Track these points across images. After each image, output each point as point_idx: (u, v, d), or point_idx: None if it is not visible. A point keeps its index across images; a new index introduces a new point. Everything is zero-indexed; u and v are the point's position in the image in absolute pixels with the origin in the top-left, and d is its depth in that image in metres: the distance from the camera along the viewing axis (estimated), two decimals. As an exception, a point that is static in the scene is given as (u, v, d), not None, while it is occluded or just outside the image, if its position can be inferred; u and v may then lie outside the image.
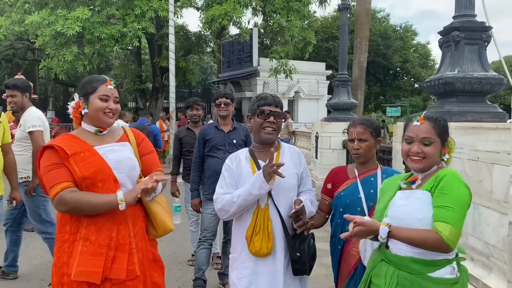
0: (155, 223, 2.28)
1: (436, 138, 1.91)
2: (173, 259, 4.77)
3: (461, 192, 1.80)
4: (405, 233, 1.81)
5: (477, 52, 4.28)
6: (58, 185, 2.04)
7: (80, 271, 2.03)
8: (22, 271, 4.62)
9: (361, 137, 2.39)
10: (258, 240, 2.29)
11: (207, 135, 4.07)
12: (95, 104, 2.19)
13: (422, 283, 1.82)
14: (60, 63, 13.75)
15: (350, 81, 9.88)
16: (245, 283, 2.33)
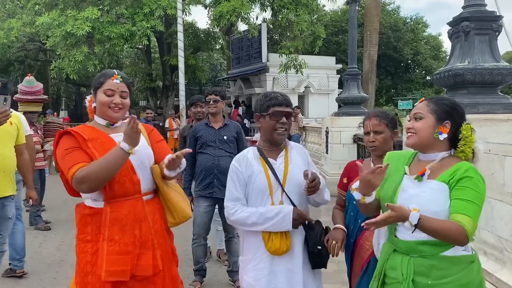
0: (174, 210, 2.31)
1: (427, 114, 1.87)
2: (184, 256, 4.77)
3: (483, 188, 1.80)
4: (433, 223, 1.74)
5: (488, 42, 4.21)
6: (73, 166, 2.05)
7: (109, 272, 2.07)
8: (35, 269, 4.68)
9: (376, 129, 2.35)
10: (277, 238, 2.25)
11: (198, 133, 4.11)
12: (100, 98, 2.22)
13: (439, 265, 1.79)
14: (71, 63, 13.88)
15: (360, 75, 9.80)
16: (263, 283, 2.28)
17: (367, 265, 2.31)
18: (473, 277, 1.80)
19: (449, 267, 1.79)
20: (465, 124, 1.89)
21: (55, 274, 4.56)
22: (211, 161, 4.00)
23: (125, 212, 2.14)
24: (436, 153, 1.88)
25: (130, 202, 2.17)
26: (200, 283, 4.16)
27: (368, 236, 2.31)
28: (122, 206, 2.15)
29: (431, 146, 1.88)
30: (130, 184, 2.15)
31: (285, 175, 2.31)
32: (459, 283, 1.77)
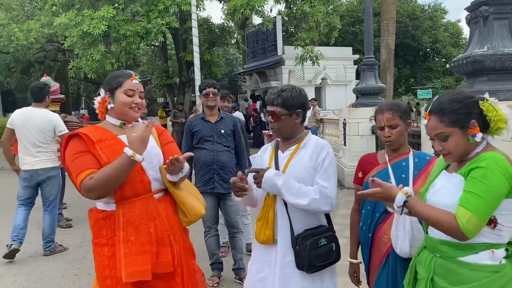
0: (185, 209, 2.30)
1: (449, 130, 1.70)
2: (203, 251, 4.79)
3: (495, 181, 1.59)
4: (422, 208, 1.69)
5: (508, 26, 4.08)
6: (82, 173, 2.05)
7: (130, 273, 2.05)
8: (57, 266, 4.77)
9: (391, 123, 2.28)
10: (259, 226, 2.30)
11: (194, 127, 4.06)
12: (121, 98, 2.21)
13: (457, 270, 1.69)
14: (89, 63, 14.03)
15: (377, 65, 9.64)
16: (254, 270, 2.35)
17: (386, 258, 2.26)
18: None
19: (467, 274, 1.67)
20: (482, 104, 1.71)
21: (77, 271, 4.64)
22: (210, 156, 3.98)
23: (137, 212, 2.13)
24: (473, 151, 1.74)
25: (142, 201, 2.16)
26: (218, 277, 4.17)
27: (386, 229, 2.26)
28: (134, 206, 2.14)
29: (471, 149, 1.74)
30: (140, 184, 2.14)
31: (285, 168, 2.28)
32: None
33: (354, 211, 2.51)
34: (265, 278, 2.29)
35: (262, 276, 2.30)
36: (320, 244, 2.23)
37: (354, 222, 2.49)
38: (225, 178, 3.98)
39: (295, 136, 2.36)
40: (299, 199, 2.19)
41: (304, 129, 2.43)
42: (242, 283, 4.05)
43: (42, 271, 4.66)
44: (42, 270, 4.69)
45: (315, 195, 2.20)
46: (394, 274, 2.20)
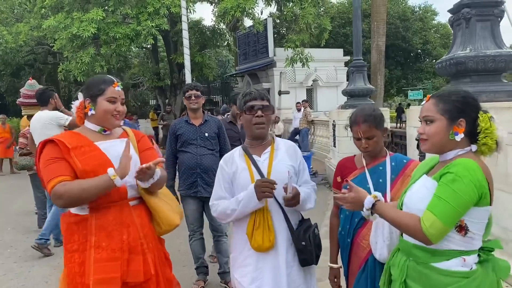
0: (159, 218, 2.26)
1: (438, 116, 1.71)
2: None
3: (463, 188, 1.59)
4: (389, 212, 1.71)
5: (490, 28, 4.10)
6: (54, 179, 2.01)
7: (98, 279, 2.01)
8: (42, 272, 4.72)
9: (367, 135, 2.27)
10: (259, 234, 2.24)
11: (178, 130, 4.03)
12: (103, 106, 2.17)
13: (429, 274, 1.70)
14: (78, 65, 13.94)
15: (366, 66, 9.65)
16: (248, 280, 2.28)
17: (365, 263, 2.25)
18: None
19: (439, 278, 1.68)
20: (481, 114, 1.71)
21: (61, 276, 4.58)
22: (193, 160, 3.96)
23: (111, 218, 2.10)
24: (450, 151, 1.74)
25: (116, 208, 2.12)
26: (203, 281, 4.15)
27: (365, 234, 2.25)
28: (108, 212, 2.10)
29: (448, 147, 1.74)
30: (115, 191, 2.10)
31: (269, 171, 2.28)
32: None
33: (333, 215, 2.51)
34: (260, 286, 2.27)
35: (257, 286, 2.27)
36: (316, 234, 2.32)
37: (334, 226, 2.48)
38: (208, 182, 3.96)
39: (267, 138, 2.39)
40: (310, 203, 2.36)
41: None
42: (228, 287, 4.05)
43: (26, 277, 4.61)
44: (26, 276, 4.64)
45: (314, 195, 2.40)
46: (373, 279, 2.20)
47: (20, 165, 6.08)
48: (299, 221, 2.38)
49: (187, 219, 4.10)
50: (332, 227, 2.49)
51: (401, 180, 2.24)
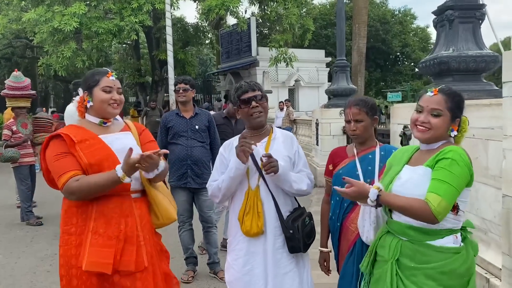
0: (158, 211, 2.30)
1: (445, 112, 1.87)
2: (178, 247, 4.81)
3: (460, 170, 1.78)
4: (395, 200, 1.83)
5: (472, 30, 4.28)
6: (65, 174, 2.06)
7: (91, 262, 2.05)
8: (28, 263, 4.70)
9: (356, 118, 2.39)
10: (249, 219, 2.32)
11: (168, 123, 4.10)
12: (99, 96, 2.21)
13: (424, 251, 1.84)
14: (59, 60, 13.76)
15: (349, 67, 9.87)
16: (240, 263, 2.37)
17: (353, 246, 2.36)
18: (455, 267, 1.82)
19: (433, 254, 1.83)
20: (464, 116, 1.94)
21: (49, 268, 4.58)
22: (184, 151, 4.02)
23: (111, 206, 2.14)
24: (438, 142, 1.92)
25: (118, 198, 2.16)
26: (193, 272, 4.21)
27: (354, 218, 2.36)
28: (109, 201, 2.14)
29: (439, 139, 1.92)
30: (119, 184, 2.13)
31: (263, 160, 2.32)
32: (440, 271, 1.81)
33: (325, 202, 2.62)
34: (252, 270, 2.35)
35: (248, 269, 2.35)
36: (306, 223, 2.39)
37: (325, 212, 2.59)
38: (198, 173, 4.03)
39: (265, 127, 2.47)
40: (301, 185, 2.37)
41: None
42: (217, 277, 4.12)
43: (13, 268, 4.59)
44: (13, 267, 4.61)
45: (307, 180, 2.42)
46: (360, 260, 2.30)
47: (6, 157, 6.00)
48: (293, 209, 2.44)
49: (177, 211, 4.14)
50: (323, 213, 2.60)
51: None
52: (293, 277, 2.37)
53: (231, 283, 2.43)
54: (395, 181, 1.97)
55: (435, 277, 1.81)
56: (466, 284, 1.85)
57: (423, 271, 1.83)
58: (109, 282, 2.11)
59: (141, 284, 2.15)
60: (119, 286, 2.11)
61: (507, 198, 2.57)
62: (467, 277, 1.85)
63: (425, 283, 1.82)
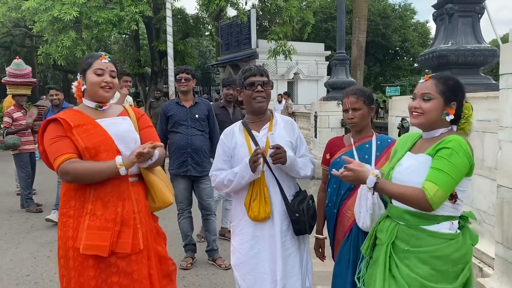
0: (154, 194, 2.34)
1: (436, 95, 1.89)
2: (177, 235, 4.87)
3: (460, 160, 1.79)
4: (392, 187, 1.88)
5: (471, 24, 4.33)
6: (60, 156, 2.10)
7: (88, 245, 2.10)
8: (29, 249, 4.75)
9: (354, 106, 2.44)
10: (256, 205, 2.38)
11: (169, 111, 4.15)
12: (90, 78, 2.23)
13: (419, 235, 1.88)
14: (59, 49, 13.69)
15: (348, 60, 9.88)
16: (246, 247, 2.44)
17: (349, 233, 2.42)
18: (448, 253, 1.85)
19: (427, 239, 1.87)
20: (465, 102, 1.94)
21: (49, 253, 4.63)
22: (184, 140, 4.07)
23: (109, 189, 2.18)
24: (437, 129, 1.94)
25: (115, 181, 2.19)
26: (191, 258, 4.27)
27: (350, 205, 2.42)
28: (107, 184, 2.18)
29: (436, 125, 1.94)
30: None
31: (267, 146, 2.39)
32: (433, 255, 1.85)
33: (321, 190, 2.67)
34: (258, 253, 2.42)
35: (255, 252, 2.42)
36: (310, 205, 2.46)
37: (321, 199, 2.65)
38: (198, 162, 4.08)
39: (266, 113, 2.52)
40: (306, 171, 2.49)
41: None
42: (216, 264, 4.19)
43: (14, 253, 4.64)
44: (14, 252, 4.67)
45: (311, 165, 2.53)
46: (356, 246, 2.37)
47: (8, 144, 6.03)
48: (296, 192, 2.51)
49: (176, 197, 4.21)
50: (320, 201, 2.66)
51: (385, 157, 2.41)
52: (295, 258, 2.45)
53: (237, 267, 2.49)
54: (396, 167, 2.01)
55: (427, 261, 1.85)
56: (461, 271, 1.87)
57: (416, 255, 1.88)
58: (105, 263, 2.15)
59: (137, 266, 2.19)
60: (115, 267, 2.16)
61: (502, 188, 2.63)
62: (461, 264, 1.88)
63: (418, 266, 1.86)
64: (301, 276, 2.48)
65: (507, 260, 2.57)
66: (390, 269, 1.93)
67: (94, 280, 2.13)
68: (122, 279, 2.15)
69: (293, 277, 2.45)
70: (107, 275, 2.15)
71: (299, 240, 2.49)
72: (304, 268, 2.52)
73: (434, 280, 1.83)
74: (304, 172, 2.47)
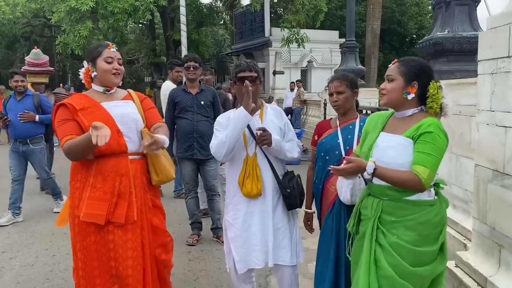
0: (158, 169, 2.60)
1: (397, 76, 2.09)
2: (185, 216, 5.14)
3: (442, 142, 2.00)
4: (389, 173, 2.06)
5: (467, 12, 4.44)
6: (63, 138, 2.38)
7: (87, 214, 2.37)
8: (48, 227, 5.11)
9: (338, 90, 2.65)
10: (249, 183, 2.63)
11: (176, 98, 4.38)
12: (102, 66, 2.49)
13: (403, 206, 2.09)
14: (76, 39, 14.04)
15: (357, 47, 9.97)
16: (240, 222, 2.69)
17: (333, 206, 2.64)
18: (430, 217, 2.07)
19: (411, 208, 2.07)
20: (432, 82, 2.11)
21: (66, 230, 4.86)
22: (190, 125, 4.32)
23: (109, 165, 2.43)
24: (407, 110, 2.14)
25: (116, 159, 2.45)
26: (197, 236, 4.55)
27: (334, 181, 2.63)
28: (108, 161, 2.43)
29: (402, 104, 2.13)
30: (116, 146, 2.43)
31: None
32: (418, 221, 2.06)
33: (310, 168, 2.89)
34: (249, 227, 2.67)
35: (247, 226, 2.68)
36: (298, 182, 2.73)
37: (310, 177, 2.88)
38: (204, 146, 4.33)
39: (257, 103, 2.75)
40: (292, 153, 2.71)
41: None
42: (219, 241, 4.46)
43: (34, 230, 5.00)
44: (33, 229, 5.03)
45: (297, 148, 2.76)
46: (338, 217, 2.60)
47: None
48: (284, 173, 2.77)
49: (184, 179, 4.49)
50: (308, 178, 2.88)
51: None
52: (285, 232, 2.70)
53: (232, 240, 2.74)
54: (373, 149, 2.19)
55: (413, 227, 2.06)
56: (439, 234, 2.09)
57: (402, 223, 2.08)
58: (104, 231, 2.42)
59: (131, 234, 2.45)
60: (112, 234, 2.42)
61: (478, 168, 2.81)
62: (440, 227, 2.10)
63: (405, 233, 2.06)
64: (291, 249, 2.71)
65: (482, 234, 2.76)
66: (378, 239, 2.13)
67: (95, 244, 2.42)
68: (118, 246, 2.42)
69: (283, 249, 2.69)
70: (105, 241, 2.42)
71: (289, 216, 2.73)
72: (294, 243, 2.75)
73: (419, 244, 2.04)
74: (291, 154, 2.69)
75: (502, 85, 2.51)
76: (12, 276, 3.79)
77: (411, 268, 2.03)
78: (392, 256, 2.05)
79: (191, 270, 3.87)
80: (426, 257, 2.06)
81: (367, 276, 2.10)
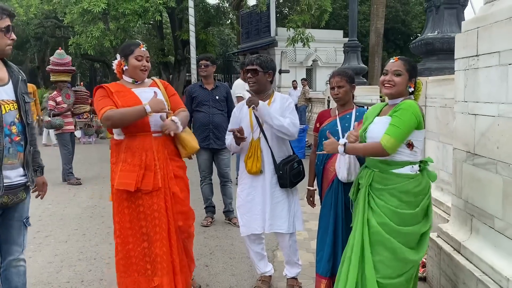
0: (184, 144, 3.09)
1: (404, 72, 2.53)
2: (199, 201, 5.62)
3: (408, 116, 2.41)
4: (357, 145, 2.57)
5: (455, 15, 4.89)
6: (103, 108, 2.86)
7: (120, 183, 2.88)
8: (74, 211, 5.61)
9: (339, 84, 3.11)
10: (251, 162, 3.19)
11: (193, 93, 4.90)
12: (132, 63, 2.98)
13: (388, 177, 2.55)
14: (88, 39, 14.58)
15: (360, 47, 10.41)
16: (245, 193, 3.27)
17: (332, 183, 3.11)
18: (410, 188, 2.50)
19: (394, 179, 2.54)
20: (418, 79, 2.64)
21: (91, 214, 5.49)
22: (206, 118, 4.83)
23: (136, 142, 2.91)
24: (400, 98, 2.61)
25: (141, 136, 2.92)
26: (211, 218, 5.05)
27: (333, 162, 3.10)
28: (135, 139, 2.91)
29: (400, 95, 2.60)
30: (141, 124, 2.91)
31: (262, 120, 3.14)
32: (399, 190, 2.52)
33: (312, 152, 3.36)
34: (253, 199, 3.22)
35: (251, 198, 3.23)
36: (294, 167, 3.20)
37: (312, 160, 3.34)
38: (219, 136, 4.81)
39: (266, 92, 3.24)
40: (281, 121, 3.06)
41: (272, 88, 3.30)
42: (231, 223, 4.95)
43: (62, 214, 5.51)
44: (62, 214, 5.54)
45: (289, 121, 3.11)
46: (336, 193, 3.06)
47: (54, 124, 6.94)
48: (287, 156, 3.25)
49: (200, 167, 4.99)
50: (311, 161, 3.35)
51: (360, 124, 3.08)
52: (283, 205, 3.22)
53: (239, 207, 3.30)
54: (368, 128, 2.68)
55: (395, 195, 2.52)
56: (421, 201, 2.53)
57: (387, 191, 2.54)
58: (135, 196, 2.91)
59: (156, 199, 2.93)
60: (141, 199, 2.91)
61: (456, 151, 3.26)
62: (421, 196, 2.53)
63: (389, 199, 2.53)
64: (288, 219, 3.23)
65: (458, 207, 3.21)
66: (369, 203, 2.61)
67: (128, 209, 2.93)
68: (146, 209, 2.92)
69: (281, 219, 3.21)
70: (136, 205, 2.92)
71: (288, 192, 3.23)
72: (292, 214, 3.25)
73: (401, 208, 2.51)
74: (278, 121, 3.03)
75: (472, 80, 2.96)
76: (50, 250, 4.30)
77: (396, 227, 2.50)
78: (380, 216, 2.52)
79: (206, 246, 4.37)
80: (409, 218, 2.52)
81: (361, 232, 2.58)
